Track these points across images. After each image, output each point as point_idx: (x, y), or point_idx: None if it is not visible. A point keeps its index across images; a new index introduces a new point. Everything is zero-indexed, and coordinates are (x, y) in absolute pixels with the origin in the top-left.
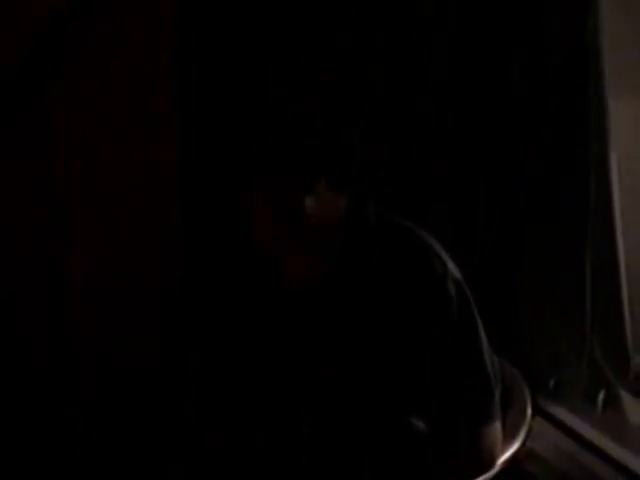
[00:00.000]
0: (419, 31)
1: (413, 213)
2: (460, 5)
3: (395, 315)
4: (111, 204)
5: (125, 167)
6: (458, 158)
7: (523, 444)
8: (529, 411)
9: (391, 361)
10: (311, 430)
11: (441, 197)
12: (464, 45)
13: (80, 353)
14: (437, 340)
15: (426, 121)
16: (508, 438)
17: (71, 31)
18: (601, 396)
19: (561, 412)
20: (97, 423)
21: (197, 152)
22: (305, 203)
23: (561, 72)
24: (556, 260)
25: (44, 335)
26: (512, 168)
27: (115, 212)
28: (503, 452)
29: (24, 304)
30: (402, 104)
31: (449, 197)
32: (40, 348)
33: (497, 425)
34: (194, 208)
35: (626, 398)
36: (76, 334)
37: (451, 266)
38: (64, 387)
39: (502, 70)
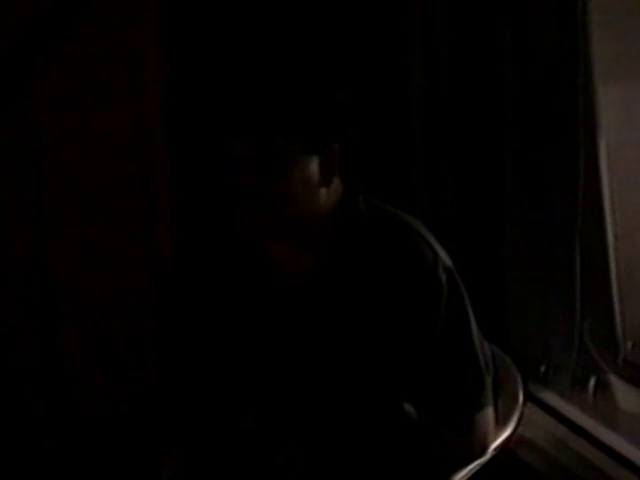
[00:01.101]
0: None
1: (398, 199)
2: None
3: (385, 303)
4: (100, 201)
5: (114, 166)
6: (448, 148)
7: (515, 430)
8: (521, 397)
9: (382, 349)
10: (306, 422)
11: (430, 184)
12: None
13: (72, 351)
14: (428, 327)
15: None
16: (500, 424)
17: (54, 30)
18: (592, 382)
19: (552, 398)
20: (93, 422)
21: (187, 146)
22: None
23: (552, 63)
24: (546, 247)
25: (36, 335)
26: (501, 157)
27: (104, 210)
28: (495, 438)
29: (14, 304)
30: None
31: (438, 186)
32: (33, 349)
33: (489, 411)
34: (183, 205)
35: (616, 383)
36: (67, 333)
37: (441, 253)
38: (57, 388)
39: (494, 59)
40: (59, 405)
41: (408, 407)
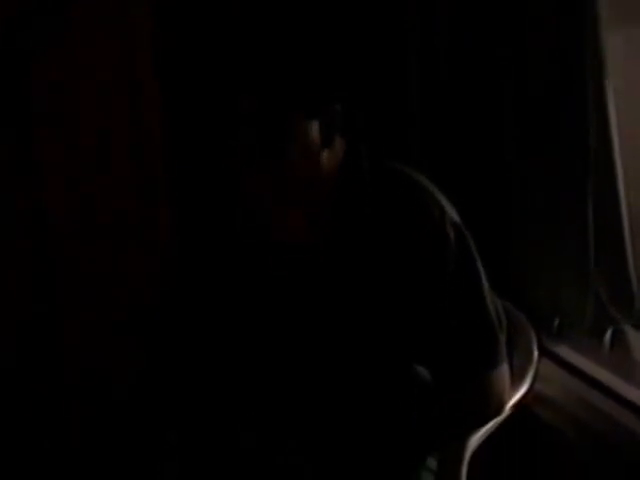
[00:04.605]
0: None
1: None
2: None
3: (392, 262)
4: (100, 199)
5: (112, 162)
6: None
7: (531, 387)
8: (535, 353)
9: (392, 311)
10: (306, 421)
11: (434, 136)
12: None
13: (73, 347)
14: (437, 286)
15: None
16: (516, 382)
17: (45, 26)
18: (608, 334)
19: (567, 352)
20: (89, 422)
21: (183, 112)
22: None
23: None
24: (557, 198)
25: (37, 331)
26: (510, 107)
27: (104, 207)
28: (512, 396)
29: (15, 300)
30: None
31: (443, 137)
32: (33, 344)
33: (504, 369)
34: (182, 183)
35: (632, 335)
36: (69, 329)
37: (449, 209)
38: (56, 387)
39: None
40: (59, 402)
41: (421, 370)
